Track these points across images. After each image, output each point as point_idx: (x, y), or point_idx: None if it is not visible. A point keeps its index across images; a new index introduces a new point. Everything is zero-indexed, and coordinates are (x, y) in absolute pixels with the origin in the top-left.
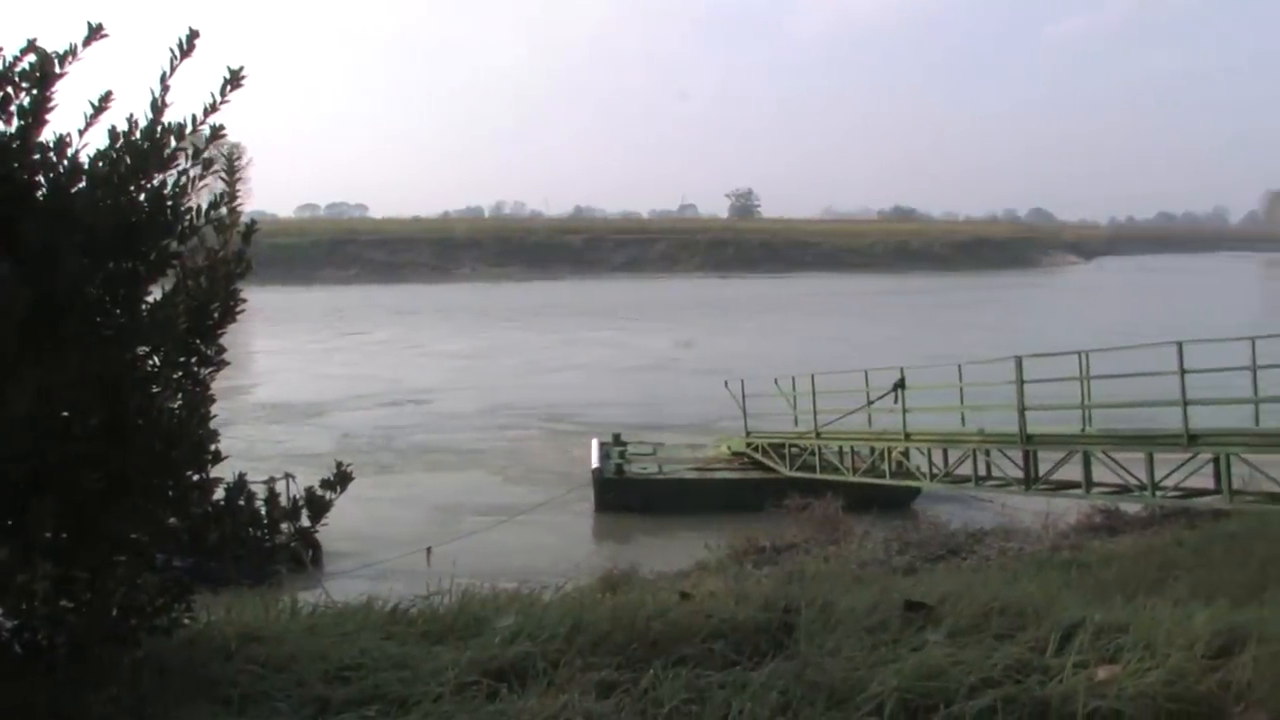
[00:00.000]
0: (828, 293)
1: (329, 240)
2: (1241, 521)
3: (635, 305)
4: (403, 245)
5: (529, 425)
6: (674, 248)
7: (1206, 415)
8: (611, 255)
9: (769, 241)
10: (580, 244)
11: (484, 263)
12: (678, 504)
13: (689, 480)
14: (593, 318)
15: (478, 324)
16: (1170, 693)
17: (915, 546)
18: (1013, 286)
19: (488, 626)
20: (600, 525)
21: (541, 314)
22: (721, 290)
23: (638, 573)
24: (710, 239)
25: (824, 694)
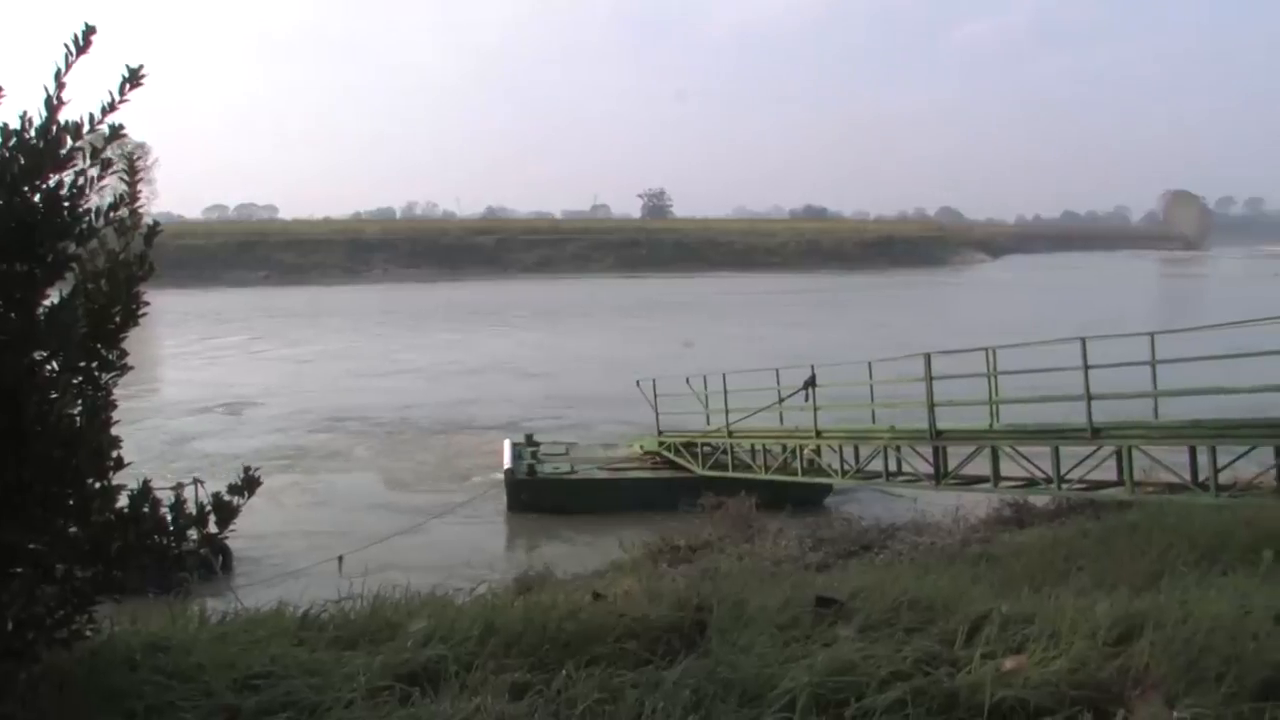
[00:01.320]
0: (734, 291)
1: (238, 242)
2: (1142, 512)
3: (531, 306)
4: (313, 247)
5: (331, 429)
6: (586, 248)
7: (1109, 409)
8: (524, 256)
9: (681, 241)
10: (492, 245)
11: (395, 264)
12: (591, 504)
13: (602, 480)
14: (476, 319)
15: (352, 326)
16: (1073, 680)
17: (828, 543)
18: (922, 284)
19: (400, 630)
20: (513, 526)
21: (426, 315)
22: (623, 290)
23: (552, 574)
24: (623, 239)
25: (736, 691)
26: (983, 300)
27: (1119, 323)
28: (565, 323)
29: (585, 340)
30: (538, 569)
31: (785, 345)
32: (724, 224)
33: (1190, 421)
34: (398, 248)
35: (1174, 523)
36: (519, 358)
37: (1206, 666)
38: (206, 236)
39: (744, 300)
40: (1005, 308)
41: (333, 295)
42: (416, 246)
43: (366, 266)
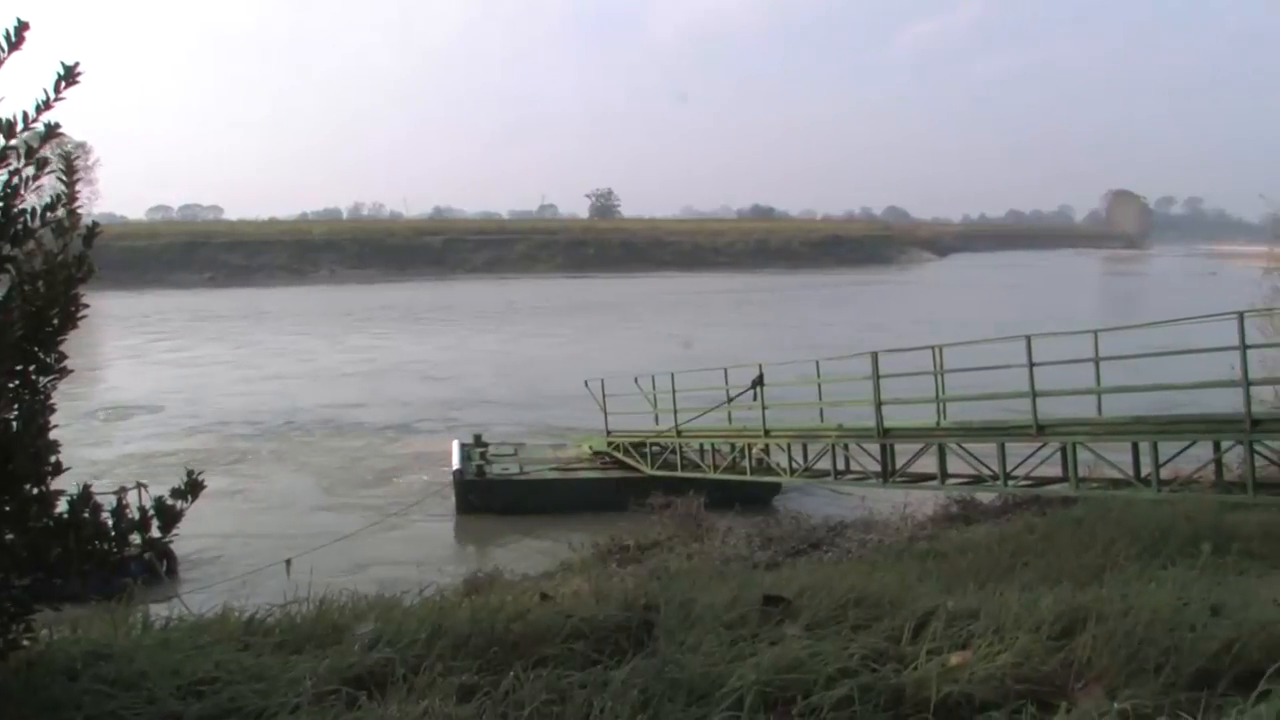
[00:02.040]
0: (676, 291)
1: (182, 243)
2: (1086, 507)
3: (469, 307)
4: (258, 248)
5: (205, 432)
6: (534, 248)
7: (1054, 406)
8: (471, 256)
9: (629, 241)
10: (440, 245)
11: (343, 265)
12: (540, 504)
13: (551, 480)
14: (408, 320)
15: (279, 328)
16: (1018, 674)
17: (777, 541)
18: (869, 283)
19: (347, 634)
20: (462, 527)
21: (361, 317)
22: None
23: (501, 575)
24: (570, 239)
25: (684, 690)
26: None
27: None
28: (495, 324)
29: (505, 342)
30: (486, 570)
31: (709, 345)
32: (671, 224)
33: (1133, 418)
34: (345, 249)
35: (1117, 517)
36: (432, 360)
37: (1146, 658)
38: (150, 237)
39: (676, 300)
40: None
41: (275, 297)
42: (364, 247)
43: (313, 268)
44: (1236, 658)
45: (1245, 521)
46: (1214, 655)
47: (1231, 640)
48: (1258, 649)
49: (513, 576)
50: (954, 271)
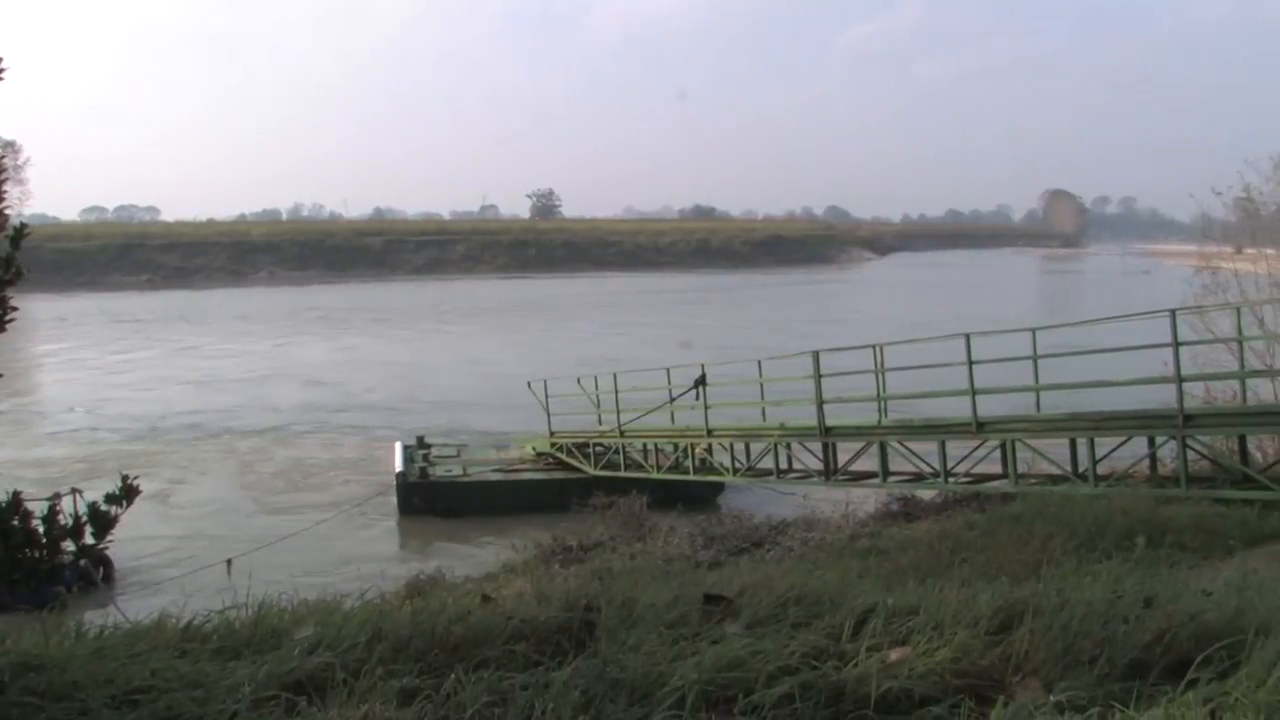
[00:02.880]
0: (616, 291)
1: (118, 244)
2: (1025, 503)
3: (402, 308)
4: (196, 249)
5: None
6: (476, 249)
7: (993, 403)
8: (412, 257)
9: (571, 241)
10: (381, 246)
11: (282, 266)
12: (484, 506)
13: (494, 482)
14: (326, 323)
15: (193, 332)
16: (957, 669)
17: (719, 540)
18: (809, 282)
19: (286, 639)
20: (405, 530)
21: (282, 320)
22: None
23: (444, 577)
24: (512, 239)
25: (626, 690)
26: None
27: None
28: (414, 326)
29: (411, 344)
30: (429, 572)
31: (612, 347)
32: (613, 224)
33: (1070, 415)
34: (284, 250)
35: (1055, 513)
36: (331, 362)
37: (1081, 650)
38: (84, 239)
39: (607, 300)
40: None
41: (212, 299)
42: (303, 249)
43: (252, 269)
44: (1167, 648)
45: (1178, 515)
46: (1146, 646)
47: (1163, 631)
48: (1187, 639)
49: (455, 578)
50: (894, 270)
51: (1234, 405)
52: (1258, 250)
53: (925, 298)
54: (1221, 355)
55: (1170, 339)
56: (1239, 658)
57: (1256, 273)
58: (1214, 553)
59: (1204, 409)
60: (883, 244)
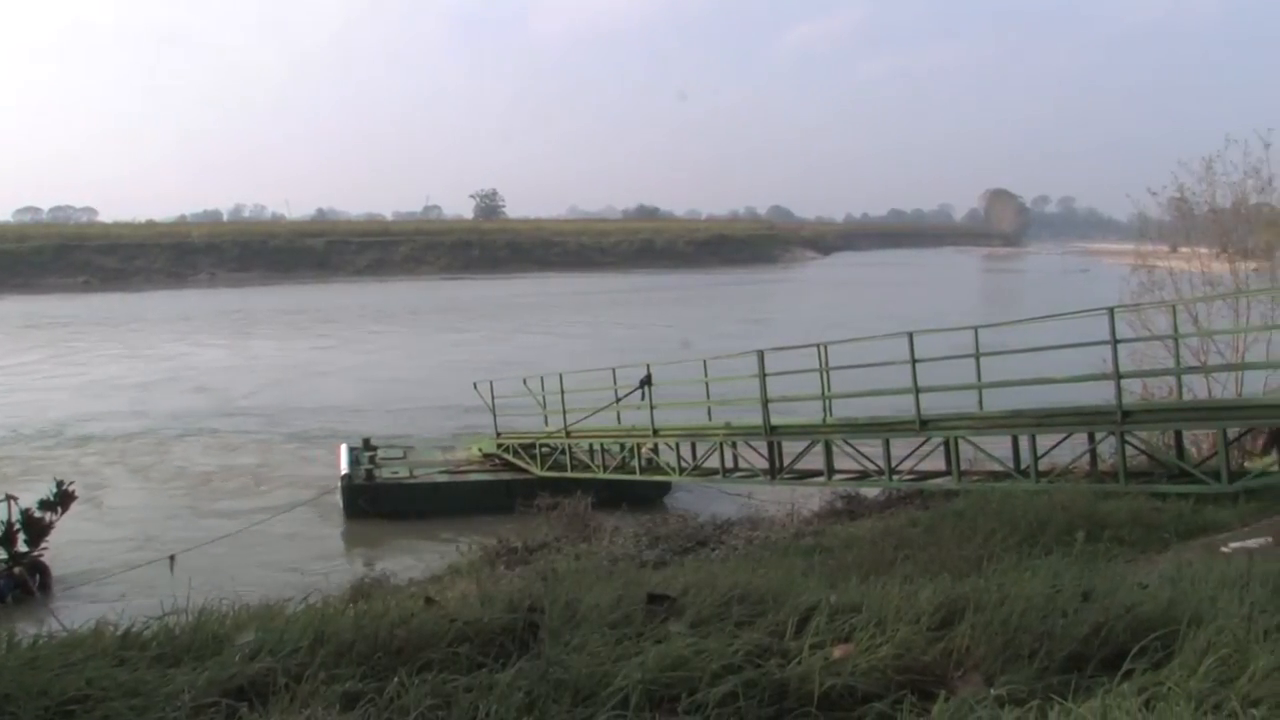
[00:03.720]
0: (553, 292)
1: (54, 246)
2: (968, 499)
3: (333, 310)
4: (136, 251)
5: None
6: (419, 249)
7: (936, 401)
8: (355, 258)
9: (514, 242)
10: (323, 247)
11: (223, 268)
12: (431, 507)
13: (441, 483)
14: (243, 325)
15: (99, 336)
16: (899, 665)
17: (664, 540)
18: (753, 282)
19: (227, 644)
20: (351, 532)
21: (199, 321)
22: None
23: (389, 580)
24: (455, 240)
25: (569, 691)
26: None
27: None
28: (332, 328)
29: (323, 348)
30: (373, 575)
31: (533, 349)
32: (557, 224)
33: (1011, 412)
34: (225, 251)
35: (997, 509)
36: (223, 368)
37: (1021, 644)
38: (18, 240)
39: (538, 301)
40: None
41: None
42: (245, 250)
43: (193, 271)
44: (1104, 640)
45: (1117, 509)
46: (1084, 639)
47: (1100, 624)
48: (1123, 631)
49: (400, 581)
50: (837, 269)
51: (1170, 401)
52: (1192, 249)
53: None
54: (1158, 352)
55: (1109, 336)
56: (1173, 648)
57: (1191, 271)
58: (1151, 546)
59: (1141, 405)
60: (826, 243)
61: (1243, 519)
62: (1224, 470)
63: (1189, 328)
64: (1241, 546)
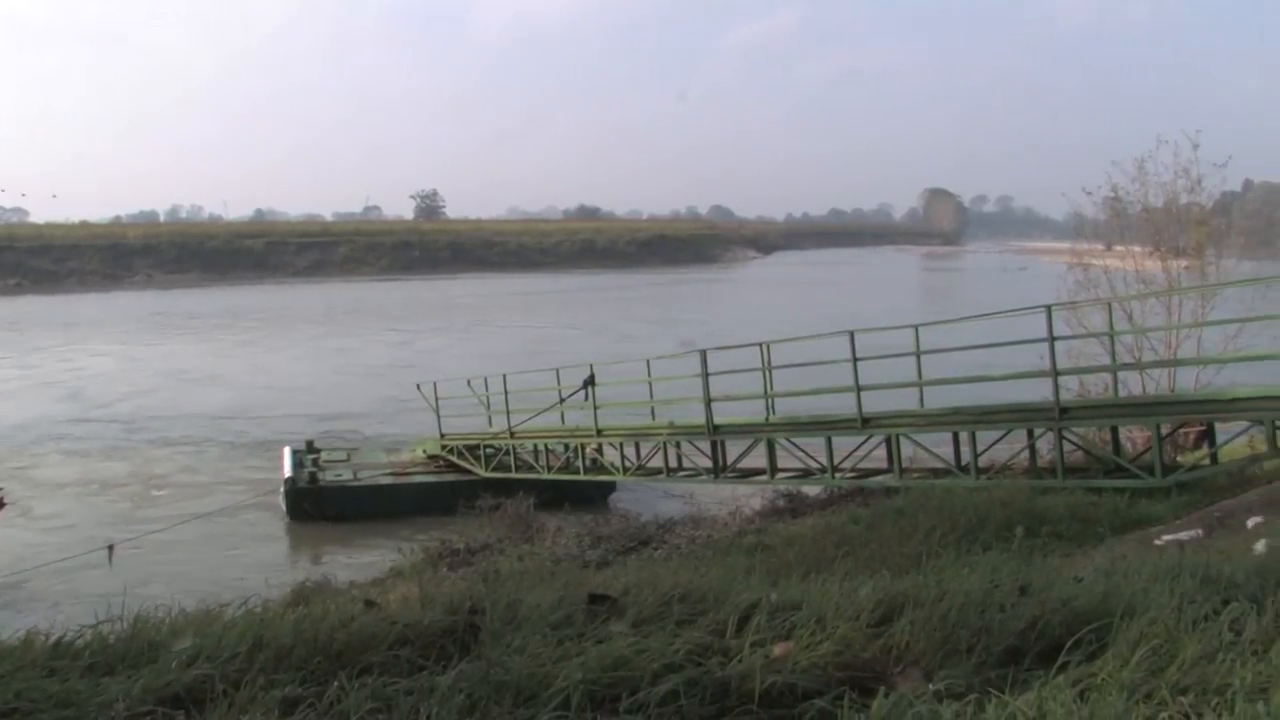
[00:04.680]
0: (488, 292)
1: None
2: (908, 496)
3: (259, 310)
4: (69, 252)
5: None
6: (359, 250)
7: (878, 399)
8: (295, 259)
9: (455, 242)
10: (262, 248)
11: (160, 269)
12: (375, 510)
13: (385, 485)
14: (156, 330)
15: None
16: (839, 661)
17: (607, 540)
18: (694, 281)
19: (163, 651)
20: (295, 536)
21: (104, 325)
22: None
23: (330, 583)
24: (395, 241)
25: (511, 692)
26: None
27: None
28: (247, 330)
29: (222, 352)
30: (314, 579)
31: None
32: (498, 225)
33: (952, 409)
34: (162, 253)
35: (937, 505)
36: (106, 373)
37: (959, 639)
38: None
39: (466, 302)
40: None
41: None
42: (182, 251)
43: (129, 272)
44: (1041, 634)
45: (1055, 505)
46: (1021, 633)
47: (1036, 618)
48: (1059, 624)
49: (341, 584)
50: (778, 268)
51: (1106, 398)
52: (1126, 248)
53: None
54: (1094, 349)
55: (1046, 334)
56: (1107, 640)
57: (1125, 269)
58: (1087, 540)
59: (1078, 402)
60: (767, 243)
61: (1175, 512)
62: (1158, 465)
63: (1124, 325)
64: (1173, 539)
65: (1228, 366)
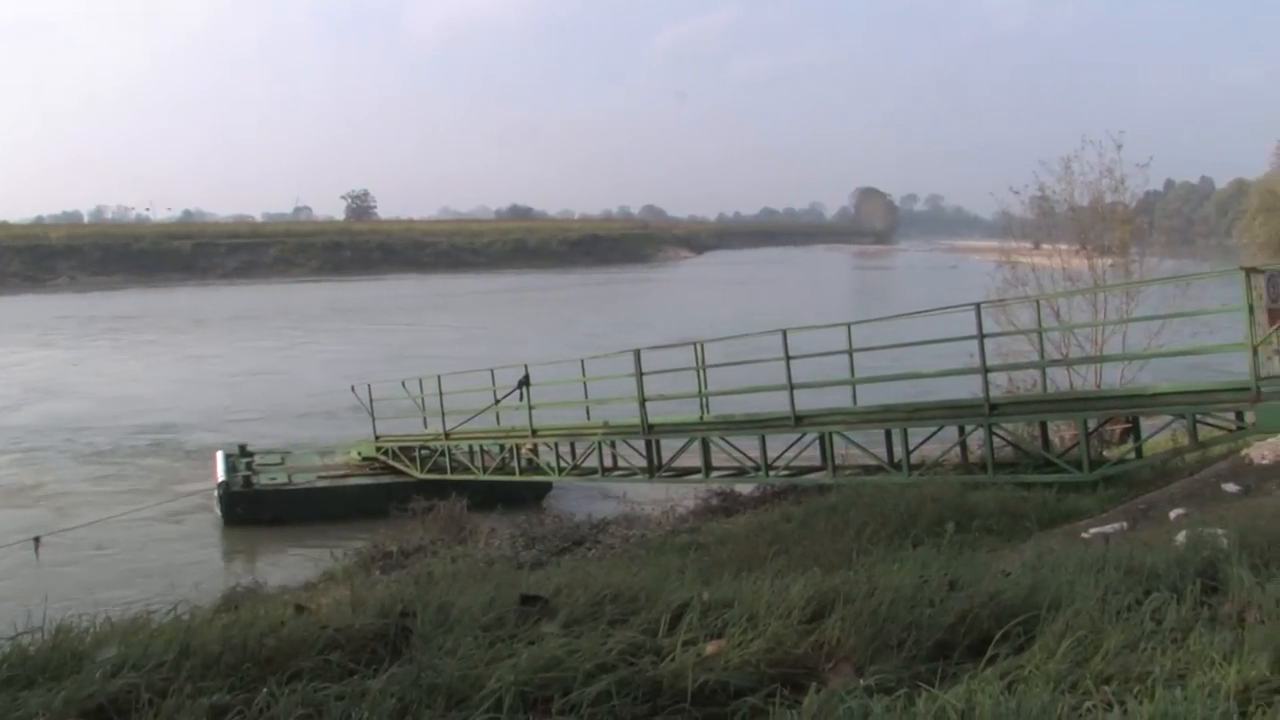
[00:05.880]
0: (410, 294)
1: None
2: (841, 494)
3: (172, 313)
4: None
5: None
6: (289, 251)
7: (811, 398)
8: (224, 260)
9: (386, 243)
10: (190, 249)
11: (85, 271)
12: (311, 513)
13: (321, 488)
14: (53, 334)
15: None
16: (771, 658)
17: (541, 541)
18: (626, 281)
19: (87, 662)
20: (229, 541)
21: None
22: (305, 293)
23: (263, 588)
24: (326, 241)
25: (442, 695)
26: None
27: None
28: (147, 334)
29: (112, 357)
30: (246, 584)
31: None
32: (429, 225)
33: (884, 407)
34: (87, 254)
35: (869, 502)
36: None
37: (890, 634)
38: None
39: (383, 304)
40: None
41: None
42: (108, 253)
43: (51, 275)
44: (970, 628)
45: (985, 500)
46: (950, 627)
47: (965, 612)
48: (988, 618)
49: (274, 589)
50: (711, 268)
51: (1035, 394)
52: (1053, 246)
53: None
54: (1023, 346)
55: (976, 332)
56: (1034, 632)
57: (1052, 267)
58: (1017, 534)
59: (1008, 398)
60: (699, 242)
61: (1102, 505)
62: (1085, 459)
63: (1052, 322)
64: (1100, 532)
65: (1151, 362)
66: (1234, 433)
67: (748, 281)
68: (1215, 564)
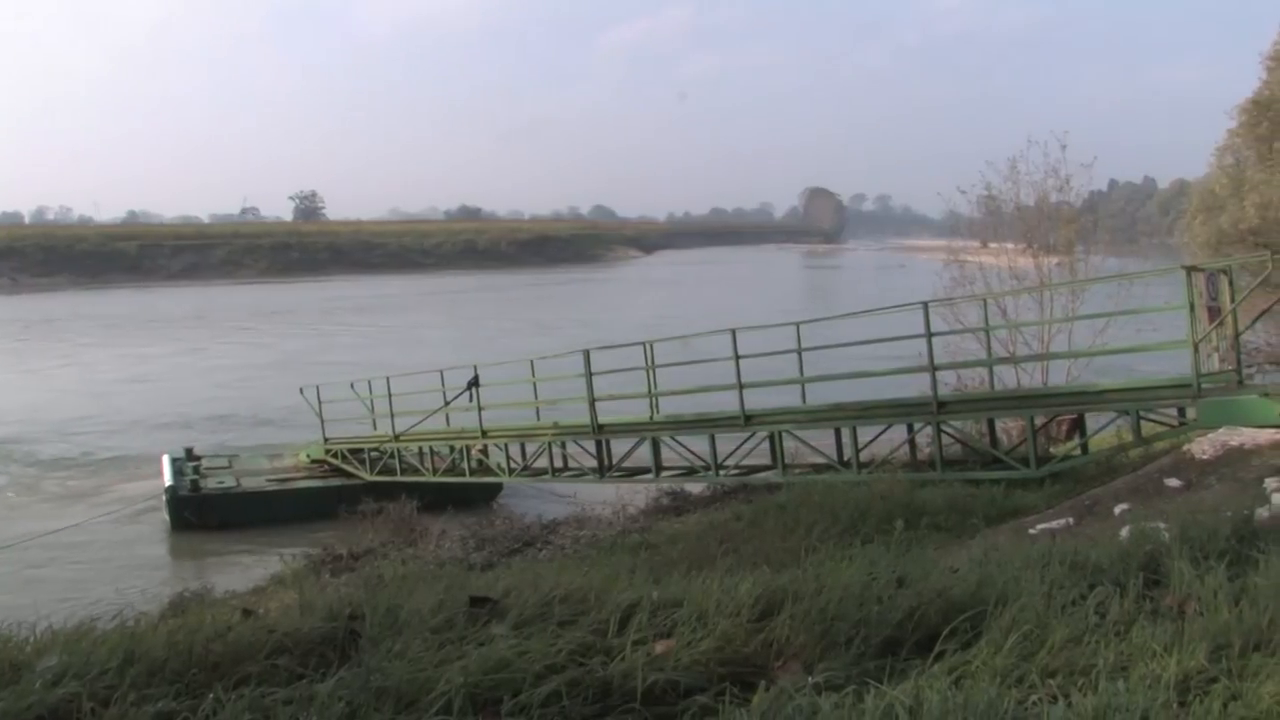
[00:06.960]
0: (352, 295)
1: None
2: (791, 492)
3: (107, 317)
4: None
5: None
6: (236, 253)
7: (760, 397)
8: (170, 262)
9: (334, 244)
10: (135, 251)
11: (26, 273)
12: (260, 517)
13: (270, 492)
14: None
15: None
16: (720, 657)
17: (491, 542)
18: (576, 281)
19: (26, 671)
20: (176, 546)
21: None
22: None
23: (211, 593)
24: (274, 243)
25: (391, 698)
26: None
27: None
28: (74, 338)
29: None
30: (193, 589)
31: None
32: (378, 226)
33: (833, 405)
34: (28, 255)
35: (819, 500)
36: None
37: (838, 632)
38: None
39: (324, 305)
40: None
41: None
42: (50, 254)
43: None
44: (918, 624)
45: (934, 497)
46: (898, 624)
47: (913, 608)
48: (935, 614)
49: (222, 594)
50: (661, 267)
51: (982, 391)
52: (1000, 245)
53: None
54: (970, 344)
55: (924, 330)
56: (981, 627)
57: (999, 266)
58: (965, 531)
59: (956, 396)
60: (648, 242)
61: (1048, 501)
62: (1032, 456)
63: (999, 320)
64: (1046, 528)
65: (1096, 360)
66: (1176, 428)
67: (698, 281)
68: (1157, 558)
